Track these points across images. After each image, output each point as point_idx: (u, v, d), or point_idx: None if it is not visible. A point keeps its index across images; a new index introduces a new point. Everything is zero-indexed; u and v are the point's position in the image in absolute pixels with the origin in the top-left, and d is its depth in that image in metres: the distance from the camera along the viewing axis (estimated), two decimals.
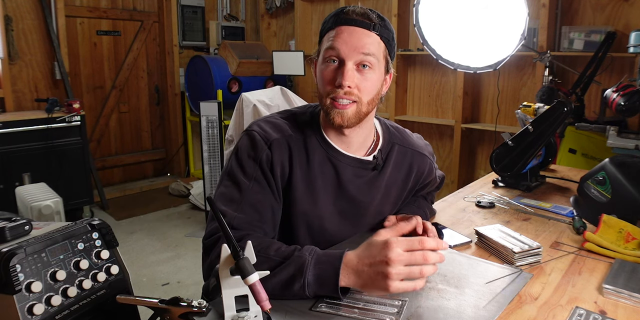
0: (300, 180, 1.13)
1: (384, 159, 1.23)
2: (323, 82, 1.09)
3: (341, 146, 1.17)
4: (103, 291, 0.89)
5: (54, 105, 3.52)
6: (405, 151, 1.27)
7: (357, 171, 1.18)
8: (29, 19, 3.75)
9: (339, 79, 1.06)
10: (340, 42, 1.06)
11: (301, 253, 0.94)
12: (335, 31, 1.07)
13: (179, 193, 4.45)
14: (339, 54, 1.06)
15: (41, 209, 2.56)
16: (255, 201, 1.08)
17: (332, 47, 1.06)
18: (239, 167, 1.11)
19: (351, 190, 1.18)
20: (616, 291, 0.96)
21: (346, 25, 1.07)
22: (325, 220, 1.18)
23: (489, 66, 1.70)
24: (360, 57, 1.06)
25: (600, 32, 3.00)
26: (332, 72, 1.07)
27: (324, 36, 1.11)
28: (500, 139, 1.87)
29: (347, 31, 1.06)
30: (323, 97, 1.10)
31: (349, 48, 1.05)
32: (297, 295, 0.91)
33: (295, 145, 1.13)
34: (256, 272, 0.76)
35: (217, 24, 4.89)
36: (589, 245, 1.19)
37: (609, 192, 1.35)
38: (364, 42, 1.06)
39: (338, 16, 1.09)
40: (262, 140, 1.11)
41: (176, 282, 2.89)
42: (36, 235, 0.85)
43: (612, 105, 2.26)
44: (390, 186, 1.26)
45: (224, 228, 0.79)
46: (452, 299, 0.95)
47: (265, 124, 1.16)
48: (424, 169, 1.32)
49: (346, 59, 1.05)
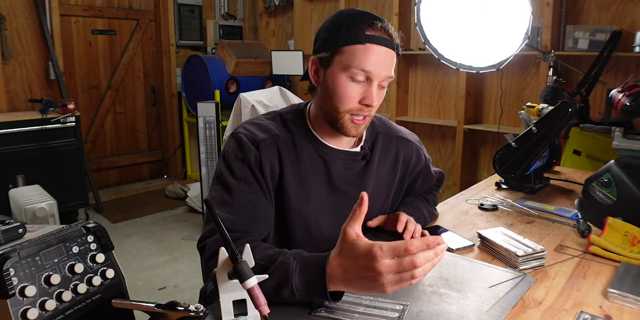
0: (292, 178, 1.15)
1: (370, 149, 1.26)
2: (345, 99, 1.09)
3: (331, 141, 1.20)
4: (98, 295, 0.89)
5: (48, 106, 3.52)
6: (389, 139, 1.31)
7: (346, 164, 1.21)
8: (22, 18, 3.75)
9: (367, 99, 1.08)
10: (373, 64, 1.06)
11: (286, 258, 0.93)
12: (366, 49, 1.06)
13: (176, 195, 4.45)
14: (371, 76, 1.07)
15: (35, 211, 2.56)
16: (246, 202, 1.09)
17: (365, 70, 1.06)
18: (228, 170, 1.13)
19: (342, 184, 1.21)
20: (622, 295, 0.96)
21: (377, 44, 1.07)
22: (320, 216, 1.19)
23: (492, 66, 1.70)
24: (386, 80, 1.10)
25: (605, 31, 3.00)
26: (357, 89, 1.09)
27: (344, 45, 1.07)
28: (503, 140, 1.87)
29: (379, 52, 1.07)
30: (341, 110, 1.10)
31: (379, 70, 1.07)
32: (290, 300, 0.91)
33: (283, 143, 1.15)
34: (254, 276, 0.76)
35: (214, 23, 4.89)
36: (594, 249, 1.20)
37: (614, 194, 1.35)
38: (389, 65, 1.10)
39: (363, 30, 1.06)
40: (249, 141, 1.13)
41: (173, 286, 2.89)
42: (30, 239, 0.85)
43: (618, 106, 2.26)
44: (380, 175, 1.28)
45: (222, 231, 0.79)
46: (455, 303, 0.95)
47: (251, 126, 1.18)
48: (410, 154, 1.34)
49: (374, 80, 1.08)
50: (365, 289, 0.85)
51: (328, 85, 1.11)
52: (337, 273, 0.87)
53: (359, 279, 0.84)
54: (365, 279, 0.84)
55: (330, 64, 1.10)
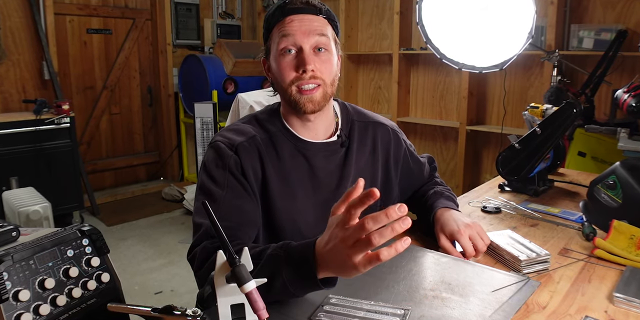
0: (275, 177, 1.16)
1: (347, 137, 1.27)
2: (284, 73, 1.13)
3: (308, 135, 1.21)
4: (93, 300, 0.89)
5: (42, 107, 3.53)
6: (365, 126, 1.32)
7: (326, 155, 1.22)
8: (16, 17, 3.75)
9: (301, 65, 1.11)
10: (293, 29, 1.11)
11: (274, 251, 0.91)
12: (284, 22, 1.12)
13: (173, 198, 4.45)
14: (295, 40, 1.11)
15: (29, 214, 2.56)
16: (232, 207, 1.10)
17: (285, 35, 1.11)
18: (209, 179, 1.13)
19: (325, 177, 1.22)
20: (627, 300, 0.96)
21: (294, 14, 1.13)
22: (307, 212, 1.20)
23: (495, 66, 1.70)
24: (316, 39, 1.12)
25: (610, 31, 3.01)
26: (291, 61, 1.13)
27: (272, 31, 1.15)
28: (506, 141, 1.87)
29: (297, 18, 1.12)
30: (287, 87, 1.14)
31: (304, 33, 1.11)
32: (284, 295, 0.89)
33: (262, 144, 1.17)
34: (253, 280, 0.76)
35: (212, 22, 4.90)
36: (599, 252, 1.20)
37: (619, 196, 1.36)
38: (316, 25, 1.13)
39: (283, 8, 1.13)
40: (227, 147, 1.15)
41: (169, 290, 2.89)
42: (24, 242, 0.85)
43: (623, 107, 2.26)
44: (361, 164, 1.29)
45: (220, 233, 0.79)
46: (457, 307, 0.95)
47: (228, 132, 1.20)
48: (388, 139, 1.35)
49: (303, 44, 1.11)
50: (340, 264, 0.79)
51: (272, 70, 1.18)
52: (321, 250, 0.83)
53: (330, 252, 0.80)
54: (335, 250, 0.79)
55: (269, 51, 1.18)
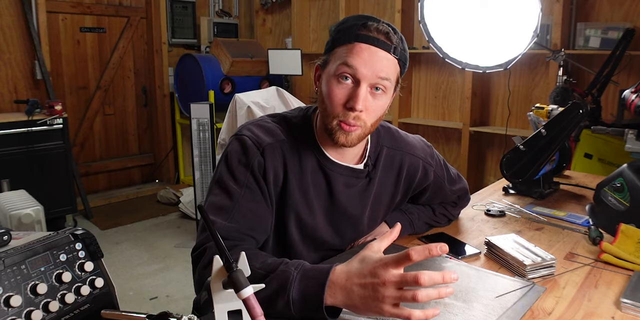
0: (296, 187, 1.15)
1: (374, 164, 1.23)
2: (332, 102, 1.08)
3: (334, 155, 1.18)
4: (87, 306, 0.89)
5: (34, 107, 3.52)
6: (393, 154, 1.27)
7: (348, 180, 1.19)
8: (7, 15, 3.76)
9: (351, 101, 1.05)
10: (358, 61, 1.04)
11: (287, 267, 0.93)
12: (353, 47, 1.05)
13: (168, 201, 4.45)
14: (356, 73, 1.05)
15: (21, 217, 2.56)
16: (247, 209, 1.09)
17: (348, 65, 1.05)
18: (230, 174, 1.12)
19: (342, 201, 1.20)
20: (635, 306, 0.97)
21: (366, 43, 1.05)
22: (319, 230, 1.20)
23: (499, 65, 1.70)
24: (376, 80, 1.06)
25: (618, 29, 3.02)
26: (344, 91, 1.07)
27: (337, 47, 1.09)
28: (511, 143, 1.87)
29: (368, 51, 1.05)
30: (329, 116, 1.09)
31: (367, 69, 1.04)
32: (283, 313, 0.90)
33: (289, 151, 1.14)
34: (251, 286, 0.76)
35: (208, 21, 4.91)
36: (606, 257, 1.20)
37: (627, 199, 1.36)
38: (382, 66, 1.06)
39: (358, 31, 1.06)
40: (254, 146, 1.12)
41: (165, 296, 2.89)
42: (15, 246, 0.85)
43: (631, 107, 2.26)
44: (381, 192, 1.27)
45: (216, 238, 0.79)
46: (460, 313, 0.95)
47: (257, 128, 1.16)
48: (415, 171, 1.30)
49: (362, 81, 1.05)
50: (364, 302, 0.84)
51: (321, 88, 1.12)
52: (340, 280, 0.86)
53: (360, 286, 0.84)
54: (366, 287, 0.83)
55: (326, 66, 1.11)
